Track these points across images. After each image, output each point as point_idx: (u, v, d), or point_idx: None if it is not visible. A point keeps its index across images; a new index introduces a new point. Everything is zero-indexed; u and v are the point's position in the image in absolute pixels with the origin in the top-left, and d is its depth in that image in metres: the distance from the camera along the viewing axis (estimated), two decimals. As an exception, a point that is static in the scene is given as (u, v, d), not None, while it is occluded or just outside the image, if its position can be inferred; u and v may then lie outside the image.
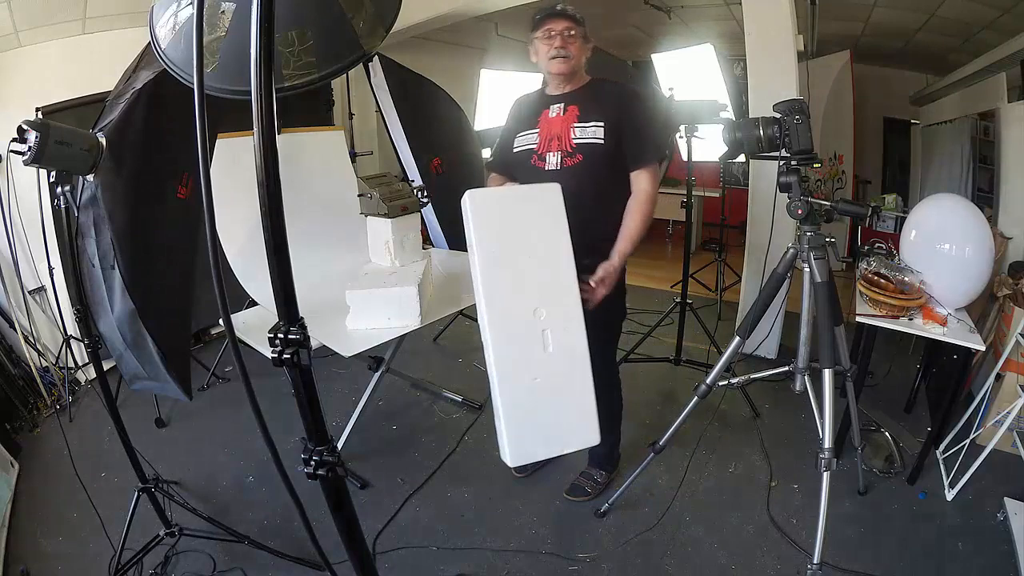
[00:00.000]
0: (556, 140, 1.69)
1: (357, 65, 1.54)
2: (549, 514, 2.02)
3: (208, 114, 0.66)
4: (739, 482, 2.16)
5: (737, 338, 1.70)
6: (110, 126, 1.59)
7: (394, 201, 2.13)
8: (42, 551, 1.87)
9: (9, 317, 2.68)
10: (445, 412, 2.69)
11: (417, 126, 2.80)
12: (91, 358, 1.60)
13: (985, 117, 3.37)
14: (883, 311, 1.95)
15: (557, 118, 1.71)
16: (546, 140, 1.71)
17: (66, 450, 2.16)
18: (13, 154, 1.30)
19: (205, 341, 3.40)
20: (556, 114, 1.71)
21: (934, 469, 2.15)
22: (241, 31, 1.26)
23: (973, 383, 2.45)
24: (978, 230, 1.94)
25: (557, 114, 1.71)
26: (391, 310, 1.87)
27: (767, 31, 2.71)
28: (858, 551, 1.80)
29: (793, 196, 1.46)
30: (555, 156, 1.69)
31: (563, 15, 1.64)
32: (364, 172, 2.69)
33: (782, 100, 1.46)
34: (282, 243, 0.68)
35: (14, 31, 2.50)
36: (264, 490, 2.16)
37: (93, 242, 1.63)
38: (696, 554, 1.82)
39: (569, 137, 1.68)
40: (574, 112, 1.69)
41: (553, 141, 1.70)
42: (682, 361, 3.00)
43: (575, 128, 1.67)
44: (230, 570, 1.77)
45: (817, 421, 1.54)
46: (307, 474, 0.77)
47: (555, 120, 1.71)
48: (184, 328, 1.95)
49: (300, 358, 0.71)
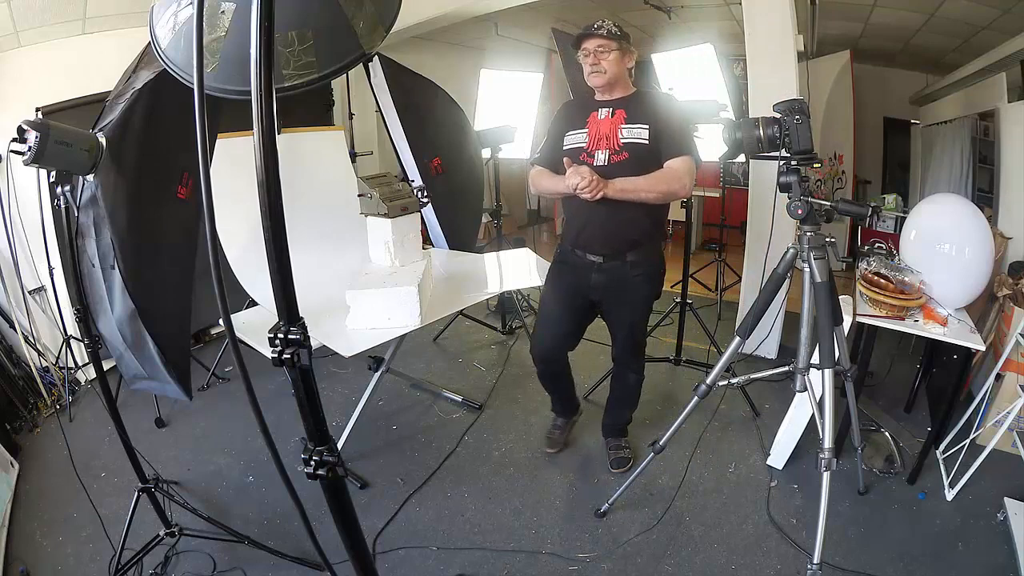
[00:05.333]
0: (605, 139, 1.82)
1: (357, 65, 1.54)
2: (549, 514, 2.02)
3: (208, 114, 0.66)
4: (739, 482, 2.16)
5: (737, 338, 1.70)
6: (110, 126, 1.58)
7: (394, 201, 2.14)
8: (42, 551, 1.87)
9: (9, 317, 2.68)
10: (445, 412, 2.69)
11: (417, 126, 2.79)
12: (91, 358, 1.60)
13: (985, 117, 3.37)
14: (883, 311, 1.95)
15: (606, 120, 1.84)
16: (595, 139, 1.84)
17: (66, 450, 2.17)
18: (13, 154, 1.30)
19: (205, 341, 3.40)
20: (605, 116, 1.85)
21: (934, 469, 2.15)
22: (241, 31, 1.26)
23: (973, 383, 2.45)
24: (978, 230, 1.94)
25: (606, 116, 1.85)
26: (391, 310, 1.87)
27: (767, 31, 2.71)
28: (858, 551, 1.80)
29: (793, 196, 1.46)
30: (603, 153, 1.81)
31: (593, 34, 1.80)
32: (364, 172, 2.69)
33: (782, 100, 1.46)
34: (282, 243, 0.68)
35: (14, 31, 2.50)
36: (264, 490, 2.16)
37: (93, 242, 1.63)
38: (696, 554, 1.82)
39: (617, 137, 1.81)
40: (622, 115, 1.83)
41: (602, 140, 1.83)
42: (682, 361, 3.00)
43: (623, 129, 1.81)
44: (230, 570, 1.77)
45: (817, 421, 1.54)
46: (307, 474, 0.77)
47: (604, 121, 1.84)
48: (184, 328, 1.95)
49: (300, 358, 0.71)
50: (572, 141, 1.87)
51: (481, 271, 2.57)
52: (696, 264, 4.28)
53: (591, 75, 1.83)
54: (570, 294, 2.00)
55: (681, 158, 1.77)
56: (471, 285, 2.38)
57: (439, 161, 2.89)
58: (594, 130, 1.84)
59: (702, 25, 4.27)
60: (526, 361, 2.35)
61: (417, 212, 2.24)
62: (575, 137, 1.87)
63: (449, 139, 3.00)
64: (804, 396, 1.74)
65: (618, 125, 1.81)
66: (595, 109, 1.87)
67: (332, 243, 2.47)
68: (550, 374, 2.21)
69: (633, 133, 1.79)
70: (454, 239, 2.96)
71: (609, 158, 1.80)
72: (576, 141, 1.86)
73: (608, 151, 1.80)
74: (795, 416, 2.12)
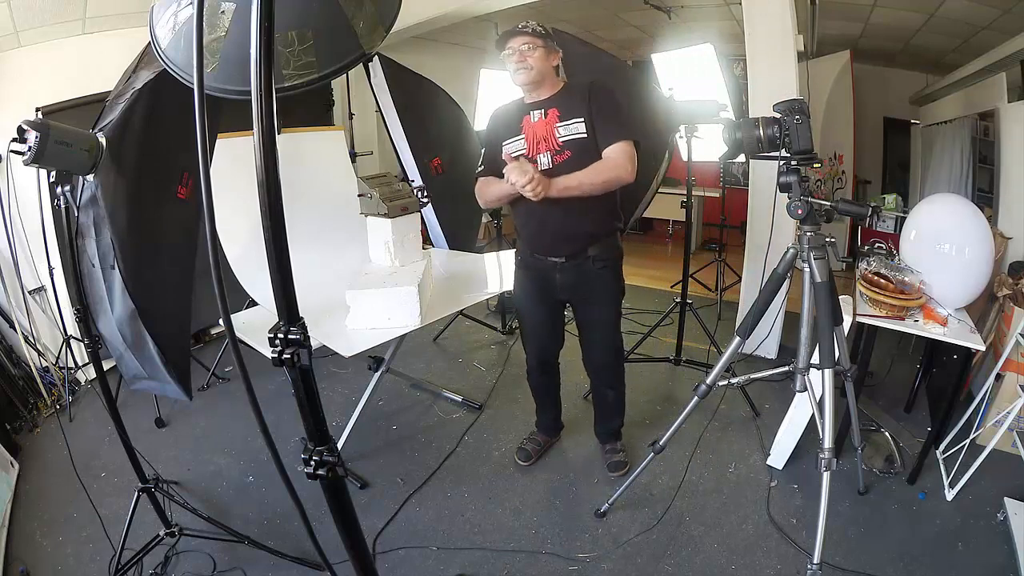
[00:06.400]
0: (543, 142, 1.80)
1: (357, 65, 1.55)
2: (549, 514, 2.02)
3: (208, 114, 0.66)
4: (739, 482, 2.16)
5: (737, 338, 1.70)
6: (110, 126, 1.58)
7: (394, 201, 2.14)
8: (42, 551, 1.87)
9: (9, 317, 2.68)
10: (445, 412, 2.69)
11: (417, 126, 2.80)
12: (91, 358, 1.60)
13: (985, 117, 3.37)
14: (883, 311, 1.95)
15: (540, 122, 1.81)
16: (533, 143, 1.82)
17: (66, 450, 2.17)
18: (13, 154, 1.30)
19: (205, 341, 3.40)
20: (539, 119, 1.81)
21: (934, 469, 2.15)
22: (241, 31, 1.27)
23: (973, 383, 2.45)
24: (978, 230, 1.94)
25: (539, 118, 1.81)
26: (391, 310, 1.87)
27: (767, 31, 2.71)
28: (858, 551, 1.80)
29: (793, 196, 1.46)
30: (546, 156, 1.80)
31: (519, 32, 1.78)
32: (364, 172, 2.69)
33: (782, 100, 1.46)
34: (282, 243, 0.68)
35: (14, 31, 2.50)
36: (264, 490, 2.16)
37: (93, 242, 1.63)
38: (696, 554, 1.82)
39: (554, 137, 1.78)
40: (555, 114, 1.80)
41: (540, 143, 1.80)
42: (682, 361, 3.00)
43: (558, 128, 1.78)
44: (230, 570, 1.77)
45: (817, 421, 1.54)
46: (307, 474, 0.77)
47: (538, 124, 1.81)
48: (184, 328, 1.95)
49: (300, 358, 0.71)
50: (511, 149, 1.84)
51: (481, 271, 2.57)
52: (696, 264, 4.28)
53: (517, 72, 1.79)
54: (541, 297, 2.00)
55: (617, 144, 1.74)
56: (471, 285, 2.38)
57: (439, 161, 2.89)
58: (530, 134, 1.81)
59: (702, 25, 4.27)
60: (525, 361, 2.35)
61: (417, 212, 2.24)
62: (513, 144, 1.84)
63: (449, 139, 3.01)
64: (804, 396, 1.74)
65: (552, 124, 1.78)
66: (527, 113, 1.83)
67: (332, 243, 2.47)
68: (545, 379, 2.23)
69: (570, 129, 1.77)
70: (454, 239, 2.97)
71: (552, 159, 1.78)
72: (515, 148, 1.83)
73: (550, 152, 1.78)
74: (795, 416, 2.13)
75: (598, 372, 2.13)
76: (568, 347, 2.19)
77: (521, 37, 1.78)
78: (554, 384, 2.28)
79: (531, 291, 2.02)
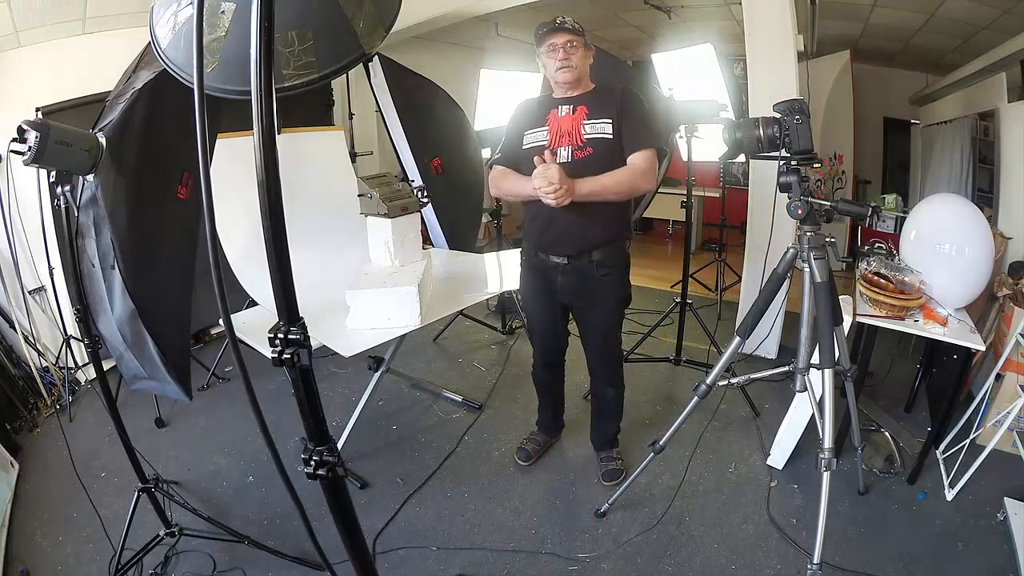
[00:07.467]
0: (567, 136, 1.79)
1: (357, 65, 1.55)
2: (549, 514, 2.02)
3: (208, 114, 0.66)
4: (739, 482, 2.16)
5: (737, 338, 1.70)
6: (110, 126, 1.59)
7: (394, 201, 2.14)
8: (42, 551, 1.87)
9: (9, 317, 2.68)
10: (445, 412, 2.69)
11: (417, 126, 2.79)
12: (91, 358, 1.60)
13: (985, 117, 3.37)
14: (883, 311, 1.95)
15: (567, 116, 1.81)
16: (556, 136, 1.81)
17: (66, 450, 2.17)
18: (13, 154, 1.30)
19: (205, 341, 3.39)
20: (566, 113, 1.82)
21: (934, 469, 2.15)
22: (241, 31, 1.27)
23: (973, 383, 2.45)
24: (978, 230, 1.94)
25: (567, 113, 1.81)
26: (391, 310, 1.87)
27: (767, 31, 2.71)
28: (858, 551, 1.80)
29: (793, 196, 1.46)
30: (566, 150, 1.78)
31: (563, 29, 1.76)
32: (364, 172, 2.69)
33: (782, 100, 1.46)
34: (282, 243, 0.68)
35: (14, 31, 2.50)
36: (264, 490, 2.16)
37: (93, 242, 1.63)
38: (696, 554, 1.82)
39: (580, 132, 1.78)
40: (583, 111, 1.80)
41: (564, 137, 1.79)
42: (682, 361, 3.00)
43: (585, 124, 1.78)
44: (230, 570, 1.77)
45: (817, 421, 1.54)
46: (307, 474, 0.77)
47: (565, 118, 1.81)
48: (184, 328, 1.95)
49: (300, 358, 0.71)
50: (532, 139, 1.83)
51: (481, 271, 2.57)
52: (696, 264, 4.28)
53: (561, 70, 1.77)
54: (545, 298, 2.00)
55: (643, 152, 1.74)
56: (471, 285, 2.38)
57: (439, 161, 2.89)
58: (555, 127, 1.80)
59: (702, 25, 4.27)
60: (526, 361, 2.35)
61: (417, 212, 2.24)
62: (535, 135, 1.83)
63: (449, 139, 3.01)
64: (804, 396, 1.74)
65: (580, 121, 1.78)
66: (555, 107, 1.83)
67: (332, 243, 2.47)
68: (550, 376, 2.23)
69: (596, 128, 1.76)
70: (454, 239, 2.96)
71: (573, 154, 1.76)
72: (536, 139, 1.82)
73: (571, 147, 1.77)
74: (795, 416, 2.13)
75: (598, 371, 2.12)
76: (572, 347, 2.18)
77: (564, 35, 1.76)
78: (559, 382, 2.27)
79: (536, 292, 2.01)
